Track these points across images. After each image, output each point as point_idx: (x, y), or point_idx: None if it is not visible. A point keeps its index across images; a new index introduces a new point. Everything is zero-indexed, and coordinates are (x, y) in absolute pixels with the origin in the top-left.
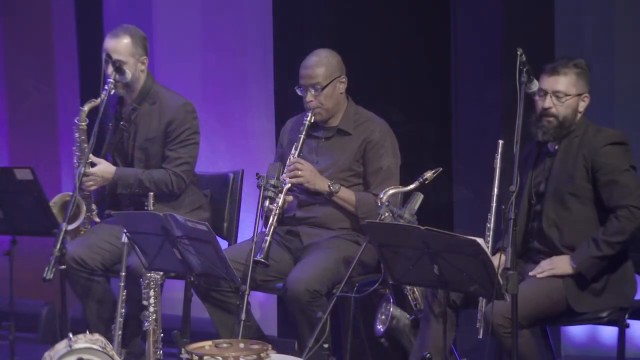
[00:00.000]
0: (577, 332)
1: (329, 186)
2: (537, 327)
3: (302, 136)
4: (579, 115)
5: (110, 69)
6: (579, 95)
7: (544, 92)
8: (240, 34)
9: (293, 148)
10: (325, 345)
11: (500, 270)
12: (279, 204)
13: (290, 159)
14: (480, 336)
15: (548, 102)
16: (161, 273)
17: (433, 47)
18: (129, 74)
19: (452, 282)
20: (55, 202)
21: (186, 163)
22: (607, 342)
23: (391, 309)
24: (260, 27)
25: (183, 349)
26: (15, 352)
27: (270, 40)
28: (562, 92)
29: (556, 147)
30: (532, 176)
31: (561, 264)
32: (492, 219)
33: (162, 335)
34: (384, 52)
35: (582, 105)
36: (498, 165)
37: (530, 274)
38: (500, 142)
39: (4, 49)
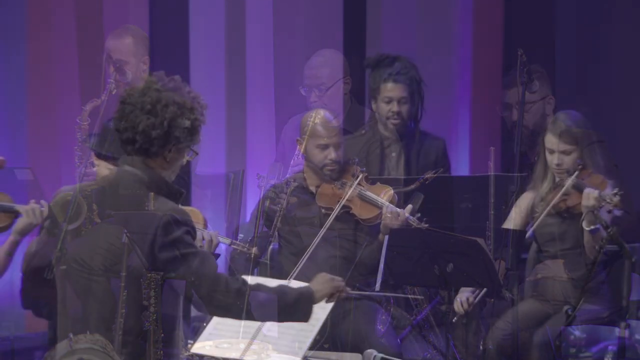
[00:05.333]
0: (577, 332)
1: None
2: (537, 329)
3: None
4: (549, 117)
5: (111, 69)
6: (543, 98)
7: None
8: (241, 34)
9: None
10: (326, 346)
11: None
12: (283, 206)
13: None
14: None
15: (515, 114)
16: (161, 273)
17: (433, 47)
18: (129, 74)
19: (452, 282)
20: (56, 201)
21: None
22: (607, 342)
23: (392, 309)
24: (261, 27)
25: (184, 349)
26: (15, 352)
27: (270, 39)
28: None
29: (536, 158)
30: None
31: (556, 270)
32: (492, 227)
33: (162, 335)
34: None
35: (549, 108)
36: (492, 172)
37: (527, 279)
38: (492, 149)
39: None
